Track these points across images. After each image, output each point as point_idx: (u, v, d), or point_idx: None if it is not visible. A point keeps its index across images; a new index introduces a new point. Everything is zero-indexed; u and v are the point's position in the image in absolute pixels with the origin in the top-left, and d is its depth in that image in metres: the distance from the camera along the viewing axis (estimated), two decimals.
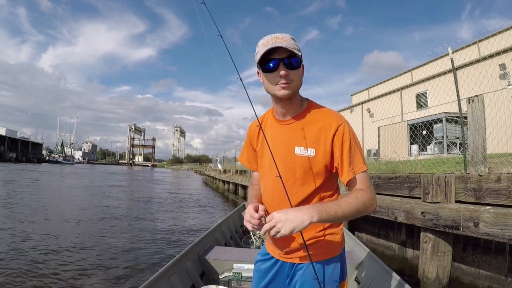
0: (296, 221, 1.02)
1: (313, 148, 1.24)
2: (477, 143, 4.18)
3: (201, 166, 65.85)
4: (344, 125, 1.24)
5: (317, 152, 1.24)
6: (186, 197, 16.59)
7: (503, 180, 3.29)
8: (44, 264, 4.62)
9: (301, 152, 1.25)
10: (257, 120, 1.44)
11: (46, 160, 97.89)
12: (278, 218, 1.04)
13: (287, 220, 1.02)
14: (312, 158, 1.24)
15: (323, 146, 1.24)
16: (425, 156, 13.64)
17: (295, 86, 1.23)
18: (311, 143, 1.25)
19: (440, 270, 3.50)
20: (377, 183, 5.03)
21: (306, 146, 1.25)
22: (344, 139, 1.23)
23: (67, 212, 9.33)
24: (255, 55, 1.23)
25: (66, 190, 16.66)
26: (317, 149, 1.24)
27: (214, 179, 28.08)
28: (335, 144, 1.23)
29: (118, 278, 4.30)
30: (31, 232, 6.54)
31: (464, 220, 3.15)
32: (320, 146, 1.24)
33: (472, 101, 4.30)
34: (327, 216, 1.08)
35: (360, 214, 1.17)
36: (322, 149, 1.24)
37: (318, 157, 1.24)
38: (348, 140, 1.23)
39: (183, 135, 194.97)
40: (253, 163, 1.48)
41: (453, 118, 15.50)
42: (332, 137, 1.23)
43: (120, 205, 11.75)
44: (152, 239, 6.66)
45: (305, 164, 1.24)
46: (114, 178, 31.21)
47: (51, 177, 26.77)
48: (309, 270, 1.28)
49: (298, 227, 1.03)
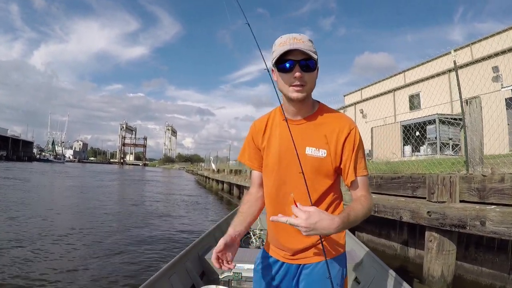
0: (324, 231, 1.06)
1: (325, 149, 1.26)
2: (474, 144, 4.28)
3: (193, 166, 65.45)
4: (355, 130, 1.29)
5: (328, 153, 1.26)
6: (180, 197, 16.52)
7: (506, 180, 3.37)
8: (43, 266, 4.56)
9: (312, 152, 1.26)
10: (261, 119, 1.45)
11: (37, 159, 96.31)
12: (312, 224, 1.03)
13: (316, 230, 1.04)
14: (323, 159, 1.26)
15: (334, 148, 1.26)
16: (418, 157, 13.79)
17: (309, 89, 1.24)
18: (322, 144, 1.27)
19: (445, 268, 3.56)
20: (379, 183, 5.09)
21: (317, 147, 1.27)
22: (355, 143, 1.27)
23: (59, 215, 9.22)
24: (271, 53, 1.24)
25: (58, 191, 16.48)
26: (328, 151, 1.26)
27: (207, 178, 27.91)
28: (346, 146, 1.26)
29: (118, 279, 4.29)
30: (29, 231, 6.47)
31: (471, 219, 3.22)
32: (332, 147, 1.26)
33: (469, 102, 4.39)
34: (346, 228, 1.14)
35: (364, 218, 1.24)
36: (333, 150, 1.26)
37: (329, 158, 1.26)
38: (358, 144, 1.27)
39: (175, 134, 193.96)
40: (254, 162, 1.46)
41: (446, 119, 15.73)
42: (344, 139, 1.26)
43: (116, 206, 11.65)
44: (151, 240, 6.63)
45: (316, 164, 1.26)
46: (107, 177, 30.88)
47: (43, 176, 26.41)
48: (316, 270, 1.31)
49: (321, 234, 1.09)
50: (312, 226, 1.02)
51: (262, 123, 1.42)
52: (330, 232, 1.06)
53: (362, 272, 3.08)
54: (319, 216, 1.04)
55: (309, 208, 1.06)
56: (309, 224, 1.02)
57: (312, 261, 1.32)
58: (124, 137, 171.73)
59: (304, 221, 1.02)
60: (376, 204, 4.51)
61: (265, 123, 1.41)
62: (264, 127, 1.41)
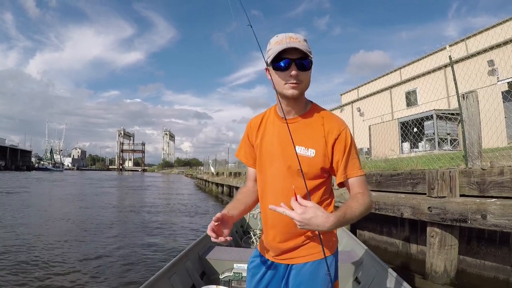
0: (317, 228, 1.07)
1: (314, 149, 1.27)
2: (473, 138, 4.28)
3: (192, 170, 65.32)
4: (346, 131, 1.29)
5: (317, 153, 1.27)
6: (181, 201, 16.49)
7: (506, 173, 3.38)
8: (45, 269, 4.56)
9: (301, 151, 1.27)
10: (257, 116, 1.47)
11: (36, 168, 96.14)
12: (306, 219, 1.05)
13: (310, 225, 1.06)
14: (311, 159, 1.26)
15: (323, 148, 1.27)
16: (416, 153, 13.82)
17: (304, 87, 1.25)
18: (312, 143, 1.27)
19: (448, 263, 3.56)
20: (378, 180, 5.10)
21: (306, 146, 1.27)
22: (346, 144, 1.27)
23: (61, 220, 9.17)
24: (267, 51, 1.25)
25: (60, 198, 16.41)
26: (317, 151, 1.27)
27: (207, 182, 27.84)
28: (336, 147, 1.27)
29: (118, 279, 4.31)
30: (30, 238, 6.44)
31: (472, 213, 3.22)
32: (321, 147, 1.27)
33: (466, 97, 4.40)
34: (341, 226, 1.15)
35: (363, 216, 1.24)
36: (322, 150, 1.27)
37: (317, 158, 1.26)
38: (349, 145, 1.27)
39: (173, 139, 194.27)
40: (249, 159, 1.48)
41: (443, 114, 15.77)
42: (334, 140, 1.27)
43: (116, 210, 11.63)
44: (152, 241, 6.63)
45: (304, 163, 1.25)
46: (107, 184, 30.82)
47: (41, 184, 26.34)
48: (303, 271, 1.31)
49: (315, 230, 1.11)
50: (306, 221, 1.05)
51: (257, 120, 1.45)
52: (323, 229, 1.07)
53: (362, 272, 3.06)
54: (314, 212, 1.05)
55: (307, 203, 1.08)
56: (303, 219, 1.05)
57: (300, 261, 1.32)
58: (122, 143, 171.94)
59: (299, 215, 1.05)
60: (377, 201, 4.50)
61: (260, 120, 1.44)
62: (258, 124, 1.44)
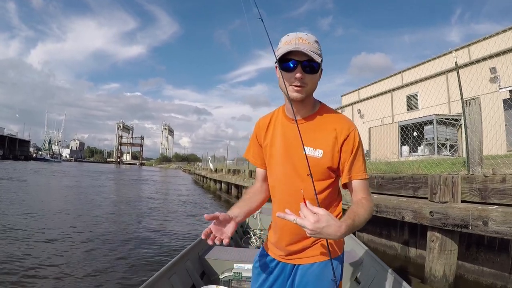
0: (329, 236, 1.03)
1: (321, 150, 1.26)
2: (474, 144, 4.31)
3: (190, 165, 65.20)
4: (355, 132, 1.27)
5: (325, 154, 1.26)
6: (179, 197, 16.52)
7: (508, 181, 3.40)
8: (42, 267, 4.53)
9: (310, 152, 1.26)
10: (265, 116, 1.46)
11: (34, 158, 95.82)
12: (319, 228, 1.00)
13: (321, 234, 1.02)
14: (319, 159, 1.26)
15: (331, 149, 1.25)
16: (415, 157, 13.85)
17: (309, 90, 1.24)
18: (319, 144, 1.27)
19: (447, 268, 3.59)
20: (380, 183, 5.12)
21: (314, 147, 1.27)
22: (354, 145, 1.26)
23: (58, 215, 9.16)
24: (276, 50, 1.24)
25: (57, 191, 16.40)
26: (325, 151, 1.26)
27: (205, 178, 27.86)
28: (344, 148, 1.25)
29: (118, 279, 4.28)
30: (29, 231, 6.45)
31: (473, 219, 3.24)
32: (329, 148, 1.26)
33: (469, 103, 4.42)
34: (350, 233, 1.14)
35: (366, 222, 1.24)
36: (330, 151, 1.26)
37: (325, 159, 1.26)
38: (356, 146, 1.26)
39: (172, 133, 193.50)
40: (257, 159, 1.47)
41: (443, 119, 15.81)
42: (342, 141, 1.25)
43: (114, 206, 11.58)
44: (151, 240, 6.62)
45: (311, 164, 1.23)
46: (104, 176, 30.75)
47: (39, 175, 26.28)
48: (310, 271, 1.31)
49: (325, 238, 1.07)
50: (318, 230, 1.00)
51: (266, 121, 1.44)
52: (334, 237, 1.04)
53: (362, 272, 3.08)
54: (327, 221, 1.01)
55: (319, 211, 1.02)
56: (316, 228, 1.00)
57: (307, 262, 1.32)
58: (121, 136, 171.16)
59: (312, 224, 1.00)
60: (378, 204, 4.53)
61: (268, 120, 1.43)
62: (267, 125, 1.43)
